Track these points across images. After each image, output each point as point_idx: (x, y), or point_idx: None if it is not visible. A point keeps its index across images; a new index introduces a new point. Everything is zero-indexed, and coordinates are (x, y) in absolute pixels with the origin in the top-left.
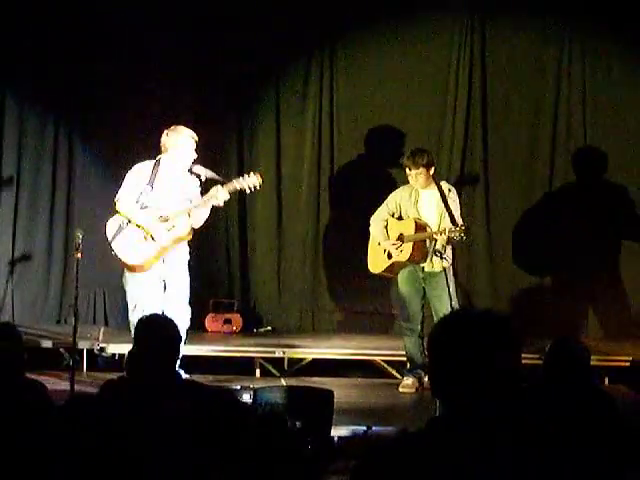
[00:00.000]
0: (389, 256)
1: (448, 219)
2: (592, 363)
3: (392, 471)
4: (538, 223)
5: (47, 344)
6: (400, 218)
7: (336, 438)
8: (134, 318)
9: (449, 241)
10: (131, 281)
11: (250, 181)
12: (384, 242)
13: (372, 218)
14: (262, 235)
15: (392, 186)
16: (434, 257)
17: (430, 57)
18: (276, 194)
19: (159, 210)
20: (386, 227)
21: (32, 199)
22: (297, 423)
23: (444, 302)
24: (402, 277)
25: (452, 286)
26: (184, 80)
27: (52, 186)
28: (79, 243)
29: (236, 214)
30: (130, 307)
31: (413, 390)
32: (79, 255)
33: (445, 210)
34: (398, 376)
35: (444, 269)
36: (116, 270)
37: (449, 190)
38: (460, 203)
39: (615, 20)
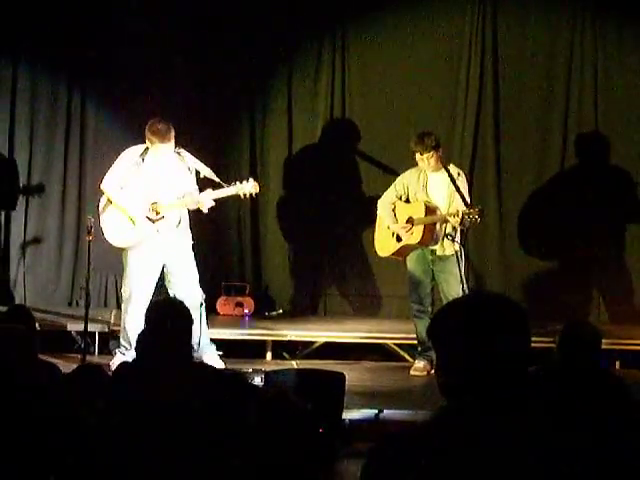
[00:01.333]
0: (398, 239)
1: (458, 201)
2: (604, 347)
3: (406, 458)
4: (549, 207)
5: (59, 327)
6: (408, 201)
7: (347, 421)
8: (131, 307)
9: (462, 223)
10: (130, 259)
11: (247, 188)
12: (393, 225)
13: (379, 201)
14: (274, 218)
15: (403, 170)
16: (445, 240)
17: (442, 42)
18: (288, 178)
19: (145, 196)
20: (394, 210)
21: (44, 182)
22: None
23: (452, 285)
24: (411, 259)
25: (463, 269)
26: (196, 65)
27: (64, 169)
28: (90, 226)
29: (248, 197)
30: (126, 290)
31: (424, 373)
32: (90, 238)
33: (455, 192)
34: (410, 359)
35: (455, 252)
36: None
37: (458, 174)
38: (470, 187)
39: (628, 5)
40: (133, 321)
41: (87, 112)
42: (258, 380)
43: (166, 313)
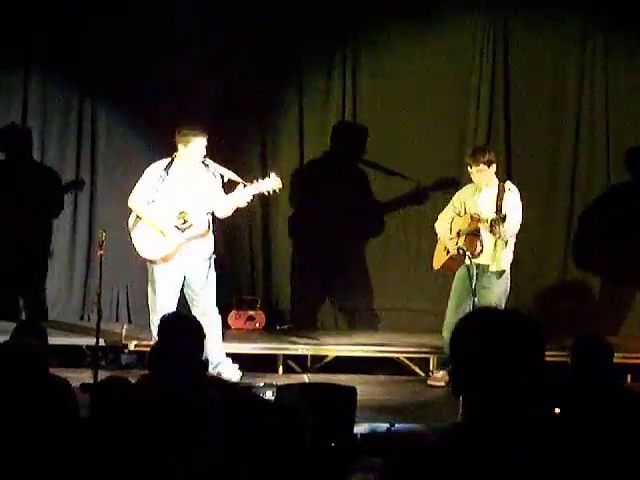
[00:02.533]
0: (448, 252)
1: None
2: (616, 360)
3: (418, 472)
4: (561, 218)
5: (70, 341)
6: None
7: (359, 435)
8: (153, 304)
9: (491, 230)
10: (157, 276)
11: (270, 184)
12: (444, 238)
13: (439, 216)
14: (284, 230)
15: (417, 181)
16: (495, 254)
17: (453, 50)
18: (299, 190)
19: (173, 206)
20: (452, 224)
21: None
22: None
23: (487, 301)
24: (459, 272)
25: (496, 289)
26: (207, 68)
27: (74, 182)
28: (102, 240)
29: (259, 211)
30: (154, 305)
31: (442, 383)
32: (102, 252)
33: (497, 200)
34: (421, 373)
35: (467, 267)
36: (139, 267)
37: (509, 189)
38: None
39: (637, 11)
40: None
41: (98, 123)
42: (269, 394)
43: (178, 328)
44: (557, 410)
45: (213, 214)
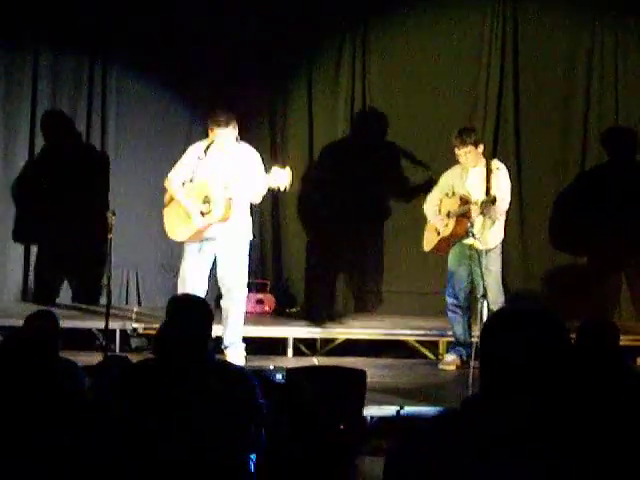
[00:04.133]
0: (438, 233)
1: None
2: (625, 343)
3: (428, 452)
4: (570, 203)
5: (80, 324)
6: (453, 196)
7: (368, 418)
8: (179, 289)
9: (482, 212)
10: (185, 253)
11: (280, 179)
12: (433, 219)
13: (426, 198)
14: (294, 215)
15: (424, 166)
16: (486, 234)
17: (462, 41)
18: (308, 176)
19: (202, 190)
20: (440, 206)
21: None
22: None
23: (480, 280)
24: (451, 254)
25: (493, 267)
26: (213, 64)
27: (84, 165)
28: (112, 223)
29: (269, 195)
30: (180, 280)
31: (453, 367)
32: (111, 235)
33: (486, 183)
34: (431, 356)
35: (476, 249)
36: (149, 250)
37: (497, 168)
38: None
39: None
40: None
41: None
42: (279, 377)
43: (185, 308)
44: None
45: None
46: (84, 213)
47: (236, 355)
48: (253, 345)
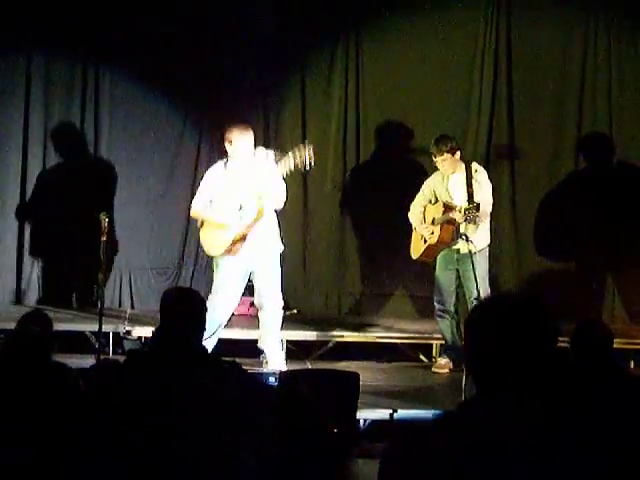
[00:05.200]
0: (425, 241)
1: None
2: (618, 346)
3: (423, 455)
4: (563, 206)
5: (73, 327)
6: (437, 202)
7: (361, 421)
8: (213, 301)
9: (466, 219)
10: (220, 264)
11: (300, 157)
12: (418, 227)
13: (411, 206)
14: (288, 218)
15: (417, 170)
16: (460, 240)
17: (456, 40)
18: (302, 178)
19: (230, 203)
20: (424, 213)
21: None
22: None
23: (472, 284)
24: (438, 260)
25: (479, 269)
26: (206, 65)
27: (78, 166)
28: (105, 226)
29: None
30: (213, 288)
31: (446, 370)
32: (104, 238)
33: (468, 188)
34: (424, 359)
35: (469, 252)
36: (142, 253)
37: (475, 170)
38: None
39: None
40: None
41: (100, 107)
42: (272, 380)
43: (178, 301)
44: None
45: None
46: (78, 216)
47: (275, 361)
48: (246, 348)
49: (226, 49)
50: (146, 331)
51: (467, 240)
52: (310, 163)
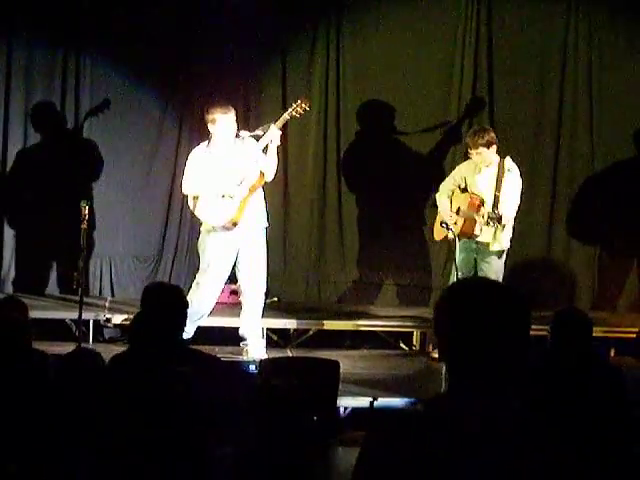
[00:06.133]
0: (447, 227)
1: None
2: (599, 334)
3: (401, 445)
4: (544, 191)
5: (53, 315)
6: (465, 190)
7: (342, 409)
8: (202, 279)
9: (487, 224)
10: (208, 242)
11: (297, 107)
12: (444, 212)
13: (440, 187)
14: (272, 203)
15: (398, 154)
16: (495, 232)
17: (437, 27)
18: (282, 165)
19: (219, 181)
20: (452, 198)
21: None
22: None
23: (489, 276)
24: (458, 247)
25: (495, 265)
26: (187, 49)
27: (58, 153)
28: (85, 214)
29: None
30: (202, 267)
31: None
32: (84, 226)
33: (503, 192)
34: (405, 347)
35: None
36: (123, 240)
37: (508, 170)
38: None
39: None
40: (202, 291)
41: (81, 96)
42: (252, 368)
43: (160, 297)
44: None
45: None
46: (58, 203)
47: (256, 348)
48: (226, 336)
49: (207, 33)
50: (127, 319)
51: (448, 229)
52: (305, 110)
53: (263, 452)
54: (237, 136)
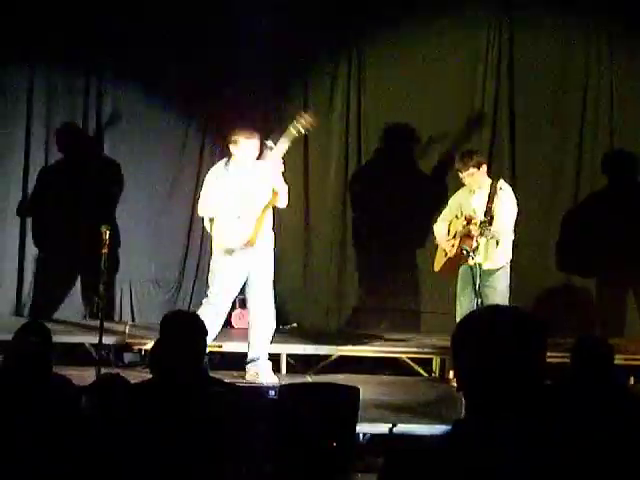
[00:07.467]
0: (446, 254)
1: (497, 217)
2: (618, 362)
3: (419, 473)
4: (565, 223)
5: (73, 339)
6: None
7: (361, 435)
8: (215, 300)
9: (481, 233)
10: (220, 263)
11: (303, 123)
12: (439, 239)
13: (438, 219)
14: (289, 232)
15: (419, 184)
16: (493, 254)
17: (458, 60)
18: (304, 193)
19: (235, 203)
20: (450, 227)
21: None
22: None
23: (493, 300)
24: (459, 282)
25: (499, 285)
26: (208, 76)
27: (79, 178)
28: (106, 239)
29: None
30: (214, 290)
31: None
32: (105, 250)
33: (499, 208)
34: (424, 374)
35: (471, 267)
36: (143, 265)
37: (500, 188)
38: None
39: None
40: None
41: (102, 117)
42: (272, 394)
43: (180, 326)
44: None
45: (274, 210)
46: (79, 228)
47: (266, 373)
48: (230, 360)
49: (228, 64)
50: (146, 344)
51: (468, 254)
52: (312, 126)
53: (282, 478)
54: (260, 154)
